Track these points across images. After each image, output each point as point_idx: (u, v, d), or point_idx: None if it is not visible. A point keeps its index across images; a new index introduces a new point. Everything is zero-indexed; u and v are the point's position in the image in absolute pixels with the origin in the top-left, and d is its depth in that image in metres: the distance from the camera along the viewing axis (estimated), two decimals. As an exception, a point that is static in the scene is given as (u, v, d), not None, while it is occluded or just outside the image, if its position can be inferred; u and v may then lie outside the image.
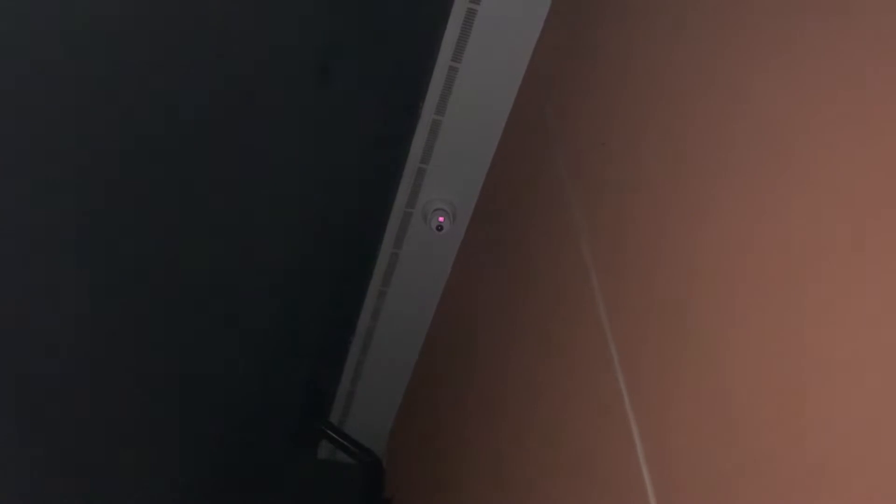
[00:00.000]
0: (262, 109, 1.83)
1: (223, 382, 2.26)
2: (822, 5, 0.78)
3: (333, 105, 1.86)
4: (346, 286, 2.20)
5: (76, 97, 1.59)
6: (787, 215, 0.77)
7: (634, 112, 1.19)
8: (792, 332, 0.73)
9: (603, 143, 1.20)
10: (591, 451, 1.06)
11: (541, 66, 1.67)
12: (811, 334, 0.71)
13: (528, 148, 1.65)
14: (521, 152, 1.70)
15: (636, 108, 1.19)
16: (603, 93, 1.32)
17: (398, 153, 1.92)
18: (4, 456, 1.74)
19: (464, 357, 1.87)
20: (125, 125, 1.68)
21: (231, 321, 2.12)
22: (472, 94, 1.78)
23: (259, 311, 2.17)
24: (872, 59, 0.70)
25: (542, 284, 1.36)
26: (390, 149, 1.93)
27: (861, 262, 0.67)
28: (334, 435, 2.39)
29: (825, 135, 0.74)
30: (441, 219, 1.95)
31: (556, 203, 1.36)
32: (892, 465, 0.60)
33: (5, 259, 1.54)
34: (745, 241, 0.83)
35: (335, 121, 1.89)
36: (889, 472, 0.60)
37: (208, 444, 2.37)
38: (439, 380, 2.07)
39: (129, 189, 1.78)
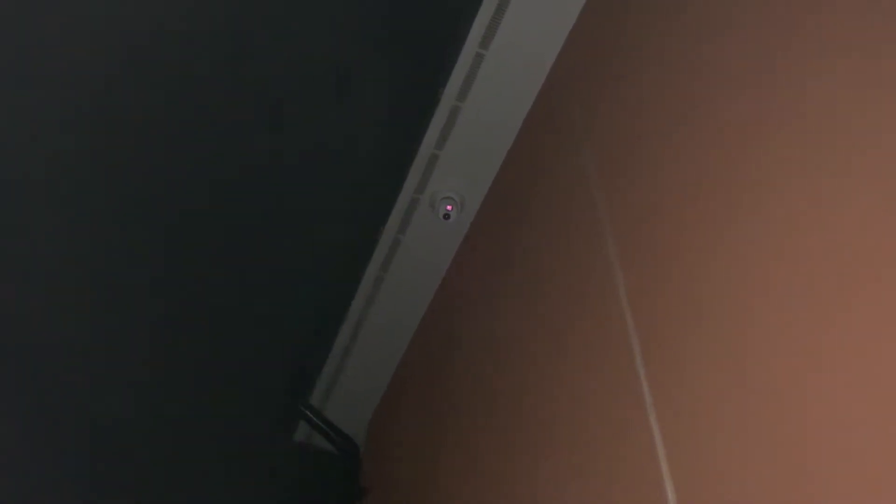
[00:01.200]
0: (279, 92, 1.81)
1: (205, 349, 2.22)
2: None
3: (353, 81, 1.84)
4: (343, 268, 2.16)
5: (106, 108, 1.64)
6: (811, 221, 0.77)
7: (669, 110, 1.17)
8: (807, 334, 0.74)
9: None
10: (609, 453, 1.04)
11: (570, 59, 1.65)
12: (825, 337, 0.72)
13: (549, 140, 1.63)
14: (542, 145, 1.68)
15: (671, 105, 1.17)
16: (637, 88, 1.31)
17: (413, 137, 1.89)
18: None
19: (461, 350, 1.83)
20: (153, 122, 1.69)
21: (225, 290, 2.09)
22: (497, 84, 1.76)
23: (253, 283, 2.13)
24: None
25: (562, 278, 1.34)
26: (405, 131, 1.90)
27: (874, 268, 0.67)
28: (314, 417, 2.35)
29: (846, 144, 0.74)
30: (449, 207, 1.92)
31: (579, 198, 1.34)
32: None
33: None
34: (766, 245, 0.83)
35: (352, 97, 1.86)
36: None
37: (181, 415, 2.33)
38: (431, 371, 2.04)
39: (151, 181, 1.78)
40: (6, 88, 1.56)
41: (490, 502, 1.38)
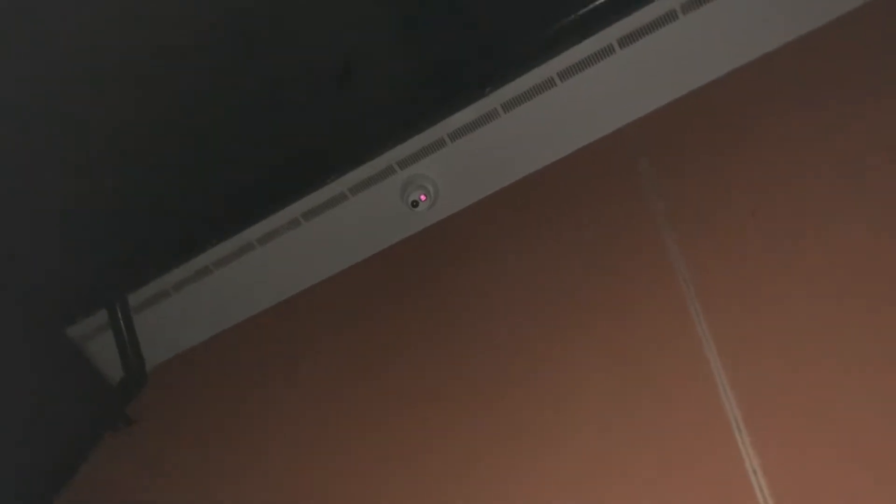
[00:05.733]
0: None
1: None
2: None
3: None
4: (269, 188, 1.90)
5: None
6: None
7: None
8: None
9: (754, 213, 1.15)
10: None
11: (653, 117, 1.62)
12: None
13: (606, 190, 1.55)
14: (595, 191, 1.59)
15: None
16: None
17: (434, 108, 1.74)
18: None
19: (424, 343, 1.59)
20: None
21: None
22: (554, 113, 1.69)
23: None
24: None
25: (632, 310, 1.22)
26: (433, 96, 1.74)
27: None
28: (120, 317, 1.98)
29: None
30: (423, 197, 1.77)
31: (654, 255, 1.26)
32: None
33: None
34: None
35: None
36: None
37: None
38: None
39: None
40: None
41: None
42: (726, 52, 1.61)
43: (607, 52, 1.62)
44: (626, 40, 1.61)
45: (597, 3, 1.60)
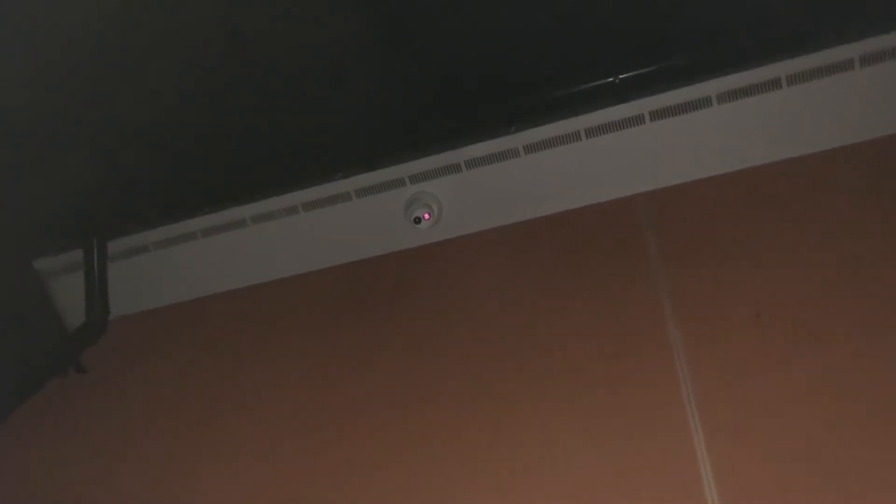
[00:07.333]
0: None
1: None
2: None
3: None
4: (276, 172, 1.89)
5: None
6: None
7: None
8: None
9: (758, 315, 1.19)
10: None
11: (668, 193, 1.67)
12: None
13: (611, 254, 1.57)
14: (600, 251, 1.61)
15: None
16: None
17: (457, 134, 1.75)
18: None
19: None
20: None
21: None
22: (573, 165, 1.71)
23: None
24: None
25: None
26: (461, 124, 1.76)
27: None
28: (96, 258, 1.94)
29: None
30: (427, 216, 1.78)
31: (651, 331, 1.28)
32: None
33: None
34: None
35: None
36: None
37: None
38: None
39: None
40: None
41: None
42: (750, 148, 1.65)
43: (637, 120, 1.66)
44: (658, 114, 1.65)
45: (638, 72, 1.64)
